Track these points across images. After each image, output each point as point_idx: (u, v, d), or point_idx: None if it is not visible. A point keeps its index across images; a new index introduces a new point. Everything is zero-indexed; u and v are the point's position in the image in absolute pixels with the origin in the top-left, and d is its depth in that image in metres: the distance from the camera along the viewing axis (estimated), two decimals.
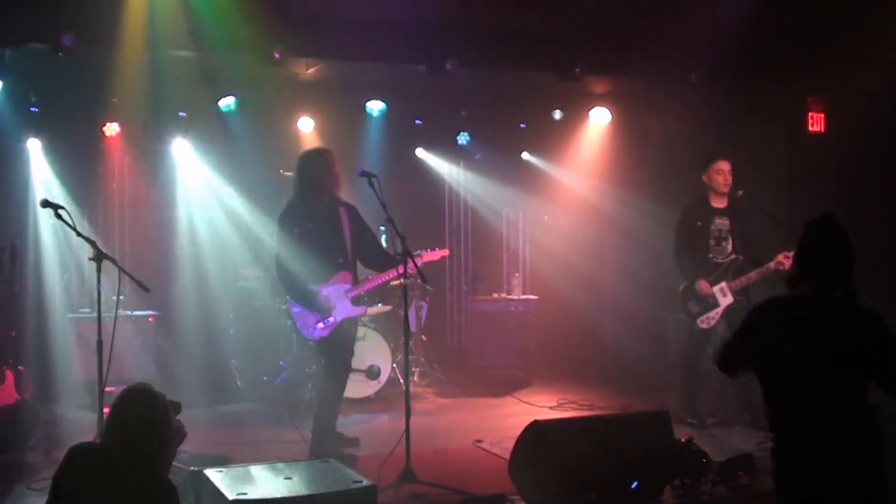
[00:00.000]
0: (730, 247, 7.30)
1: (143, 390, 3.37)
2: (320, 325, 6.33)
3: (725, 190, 7.25)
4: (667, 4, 7.72)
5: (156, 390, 3.41)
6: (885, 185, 8.21)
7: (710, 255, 7.28)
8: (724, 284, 7.21)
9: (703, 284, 7.18)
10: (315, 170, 6.44)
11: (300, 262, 6.35)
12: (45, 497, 3.36)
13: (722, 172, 7.21)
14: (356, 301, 6.48)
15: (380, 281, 6.70)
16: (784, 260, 6.94)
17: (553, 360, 10.04)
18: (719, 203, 7.31)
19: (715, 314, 7.23)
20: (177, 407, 3.45)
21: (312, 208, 6.41)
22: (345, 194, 6.65)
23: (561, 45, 8.41)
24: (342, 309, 6.38)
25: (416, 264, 5.99)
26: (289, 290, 6.50)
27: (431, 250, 6.59)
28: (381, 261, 6.60)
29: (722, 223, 7.29)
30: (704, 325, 7.27)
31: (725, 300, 7.22)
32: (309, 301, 6.32)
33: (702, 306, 7.24)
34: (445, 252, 6.71)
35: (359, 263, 6.64)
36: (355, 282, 6.49)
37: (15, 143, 8.85)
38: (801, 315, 3.56)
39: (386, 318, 8.96)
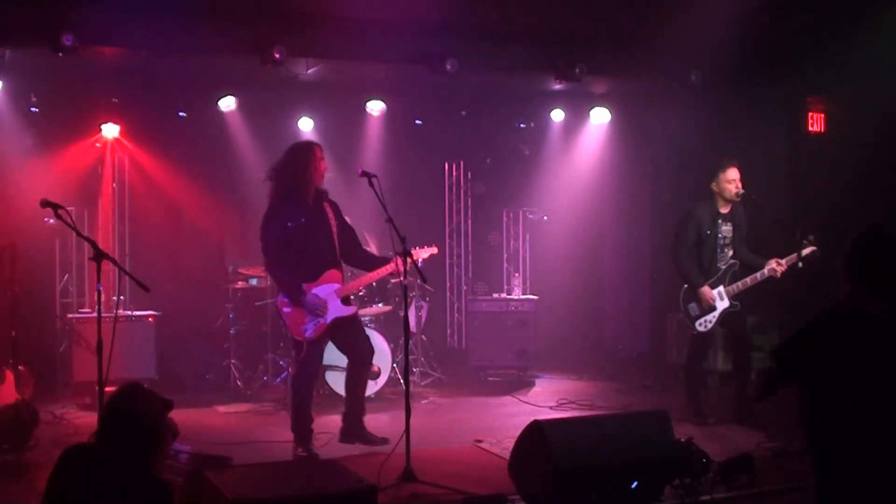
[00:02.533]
0: (731, 252, 7.32)
1: (134, 389, 3.37)
2: (311, 325, 6.31)
3: (737, 198, 7.24)
4: (667, 4, 7.71)
5: (147, 388, 3.42)
6: (885, 184, 8.21)
7: (717, 263, 7.30)
8: (721, 289, 7.25)
9: (707, 292, 7.20)
10: (300, 161, 6.38)
11: (292, 257, 6.32)
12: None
13: (733, 181, 7.19)
14: (345, 300, 6.46)
15: (368, 280, 6.72)
16: (777, 266, 7.01)
17: (553, 360, 10.04)
18: (725, 209, 7.31)
19: (712, 317, 7.26)
20: (168, 404, 3.44)
21: (303, 201, 6.34)
22: (342, 194, 6.63)
23: (561, 45, 8.41)
24: (333, 309, 6.35)
25: (416, 265, 6.02)
26: (278, 281, 6.46)
27: (419, 248, 6.54)
28: (364, 259, 6.63)
29: (727, 229, 7.31)
30: (702, 329, 7.30)
31: (722, 304, 7.25)
32: (295, 297, 6.25)
33: (701, 309, 7.27)
34: (434, 250, 6.68)
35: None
36: (344, 280, 6.48)
37: (15, 142, 8.85)
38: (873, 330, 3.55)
39: (386, 318, 8.96)
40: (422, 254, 6.53)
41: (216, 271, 9.51)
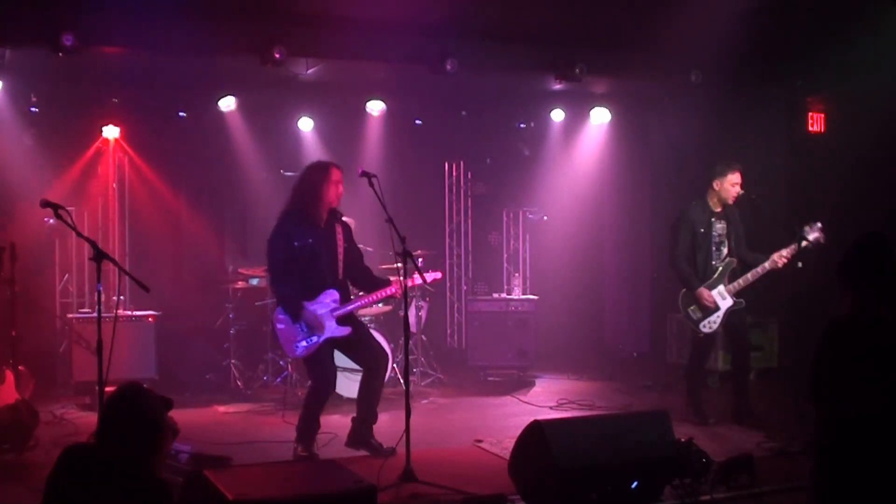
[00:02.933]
0: (726, 250, 7.32)
1: (133, 389, 3.37)
2: (303, 343, 6.30)
3: (734, 202, 7.24)
4: (667, 4, 7.72)
5: (146, 388, 3.42)
6: (885, 184, 8.22)
7: (712, 261, 7.29)
8: (721, 288, 7.22)
9: (705, 293, 7.18)
10: (314, 180, 6.39)
11: (295, 274, 6.32)
12: None
13: (737, 185, 7.18)
14: (341, 321, 6.44)
15: (367, 302, 6.70)
16: (778, 259, 7.01)
17: (553, 360, 10.04)
18: (718, 208, 7.31)
19: (716, 318, 7.23)
20: (168, 403, 3.44)
21: (313, 220, 6.36)
22: (344, 201, 6.62)
23: (561, 45, 8.41)
24: (327, 329, 6.33)
25: (420, 272, 6.03)
26: (280, 295, 6.47)
27: (426, 271, 6.54)
28: (369, 281, 6.63)
29: (720, 227, 7.30)
30: (707, 330, 7.26)
31: (725, 303, 7.22)
32: (295, 312, 6.27)
33: (703, 312, 7.25)
34: (438, 275, 6.67)
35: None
36: (343, 301, 6.46)
37: (15, 143, 8.86)
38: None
39: (386, 318, 8.96)
40: (427, 277, 6.50)
41: (216, 271, 9.51)
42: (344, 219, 6.64)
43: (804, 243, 6.86)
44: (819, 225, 6.92)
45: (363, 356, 6.57)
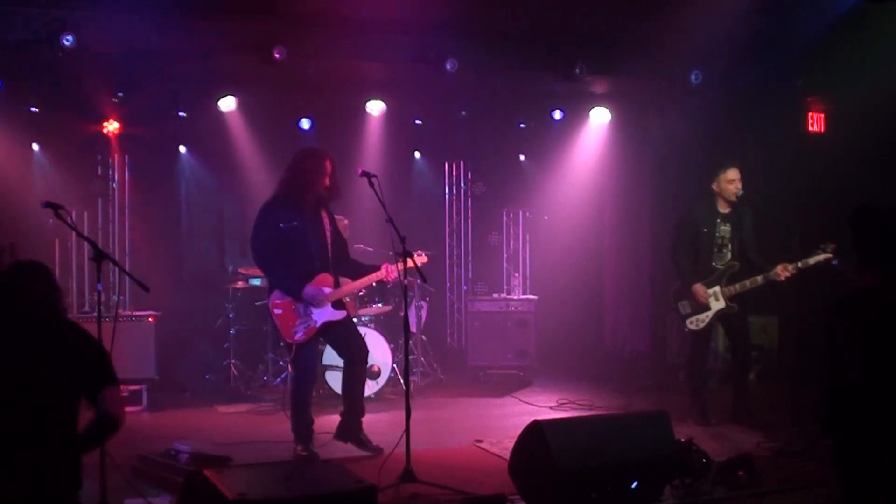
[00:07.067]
0: (729, 253, 7.30)
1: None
2: (302, 328, 6.30)
3: (736, 198, 7.22)
4: (667, 4, 7.72)
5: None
6: (885, 185, 8.21)
7: (712, 262, 7.28)
8: (717, 289, 7.22)
9: (700, 290, 7.18)
10: (306, 168, 6.36)
11: (284, 258, 6.30)
12: None
13: (733, 182, 7.18)
14: (337, 304, 6.44)
15: (359, 286, 6.68)
16: (782, 272, 6.95)
17: (553, 360, 10.04)
18: (725, 209, 7.30)
19: (705, 317, 7.24)
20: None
21: (299, 205, 6.31)
22: (344, 200, 6.61)
23: (561, 45, 8.41)
24: (323, 313, 6.33)
25: (417, 266, 6.01)
26: (276, 281, 6.39)
27: (416, 253, 6.54)
28: (352, 269, 6.60)
29: (725, 229, 7.29)
30: (693, 327, 7.29)
31: (718, 305, 7.22)
32: (295, 291, 6.24)
33: (693, 308, 7.25)
34: (424, 259, 6.56)
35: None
36: (336, 285, 6.45)
37: (15, 142, 8.86)
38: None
39: (386, 318, 8.96)
40: (417, 259, 6.50)
41: (216, 271, 9.52)
42: (338, 217, 6.63)
43: (818, 259, 6.80)
44: (833, 246, 6.82)
45: (346, 347, 6.52)
